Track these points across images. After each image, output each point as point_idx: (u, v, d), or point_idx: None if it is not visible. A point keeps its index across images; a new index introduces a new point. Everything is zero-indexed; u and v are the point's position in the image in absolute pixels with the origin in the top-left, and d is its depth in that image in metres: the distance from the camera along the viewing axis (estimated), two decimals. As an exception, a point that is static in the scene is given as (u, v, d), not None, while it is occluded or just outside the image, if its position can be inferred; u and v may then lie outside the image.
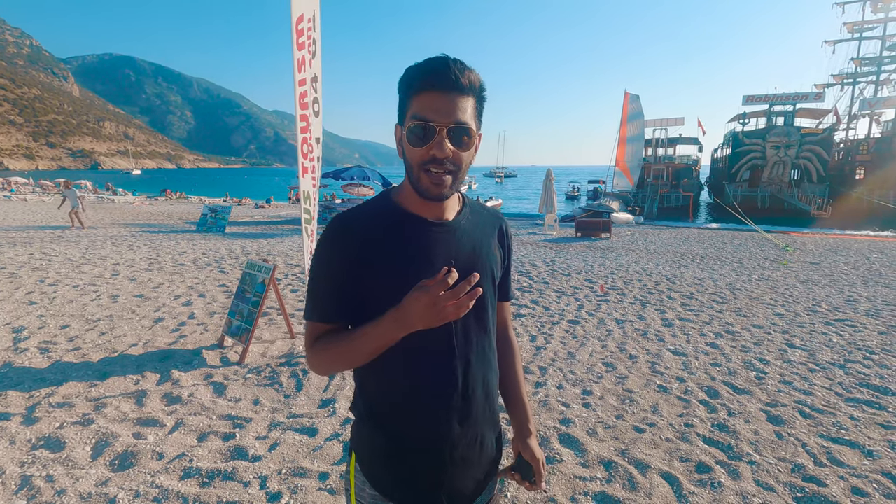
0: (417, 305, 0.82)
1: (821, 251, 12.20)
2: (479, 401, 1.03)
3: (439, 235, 0.97)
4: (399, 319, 0.85)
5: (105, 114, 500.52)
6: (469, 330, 1.00)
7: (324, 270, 0.97)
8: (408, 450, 0.99)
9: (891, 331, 5.41)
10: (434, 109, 0.86)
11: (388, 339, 0.89)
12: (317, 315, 0.98)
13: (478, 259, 1.02)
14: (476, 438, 1.03)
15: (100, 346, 4.33)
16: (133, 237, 11.82)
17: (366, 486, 1.03)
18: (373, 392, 1.02)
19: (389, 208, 0.99)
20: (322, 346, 0.96)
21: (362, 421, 1.05)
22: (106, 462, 2.64)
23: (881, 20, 38.98)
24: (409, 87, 0.88)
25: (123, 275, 7.32)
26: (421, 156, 0.88)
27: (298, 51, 3.83)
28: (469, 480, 1.03)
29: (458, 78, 0.86)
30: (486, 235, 1.06)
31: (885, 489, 2.55)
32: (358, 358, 0.94)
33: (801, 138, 31.58)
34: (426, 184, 0.90)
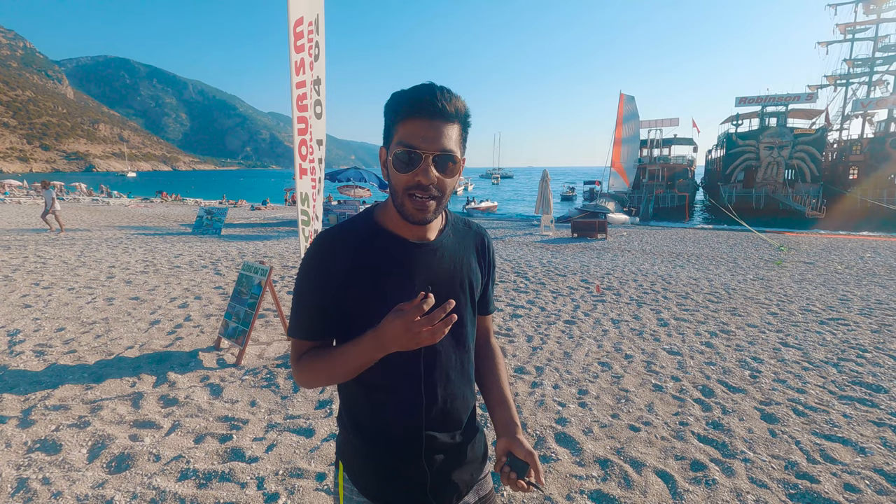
0: (392, 329, 0.84)
1: (815, 251, 12.29)
2: (459, 413, 1.07)
3: (420, 256, 0.99)
4: (376, 340, 0.88)
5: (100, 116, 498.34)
6: (448, 347, 1.03)
7: (308, 288, 0.98)
8: (392, 458, 1.02)
9: (884, 329, 5.46)
10: (420, 137, 0.87)
11: (366, 359, 0.92)
12: (301, 332, 1.00)
13: (457, 277, 1.04)
14: (456, 448, 1.07)
15: (95, 349, 4.32)
16: (128, 240, 11.78)
17: (354, 493, 1.06)
18: (356, 405, 1.05)
19: (372, 228, 1.00)
20: (306, 362, 0.99)
21: (347, 431, 1.07)
22: (102, 464, 2.64)
23: (873, 21, 39.33)
24: (395, 112, 0.90)
25: (119, 277, 7.30)
26: (406, 181, 0.89)
27: (296, 53, 3.85)
28: (455, 483, 1.06)
29: (445, 106, 0.87)
30: (466, 252, 1.08)
31: (878, 485, 2.58)
32: (340, 374, 0.96)
33: (795, 139, 31.81)
34: (410, 209, 0.91)
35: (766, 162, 32.43)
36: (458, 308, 0.99)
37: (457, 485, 1.07)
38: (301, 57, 3.97)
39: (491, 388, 1.19)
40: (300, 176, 4.13)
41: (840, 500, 2.44)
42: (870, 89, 40.71)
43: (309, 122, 4.08)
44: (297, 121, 4.08)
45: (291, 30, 3.90)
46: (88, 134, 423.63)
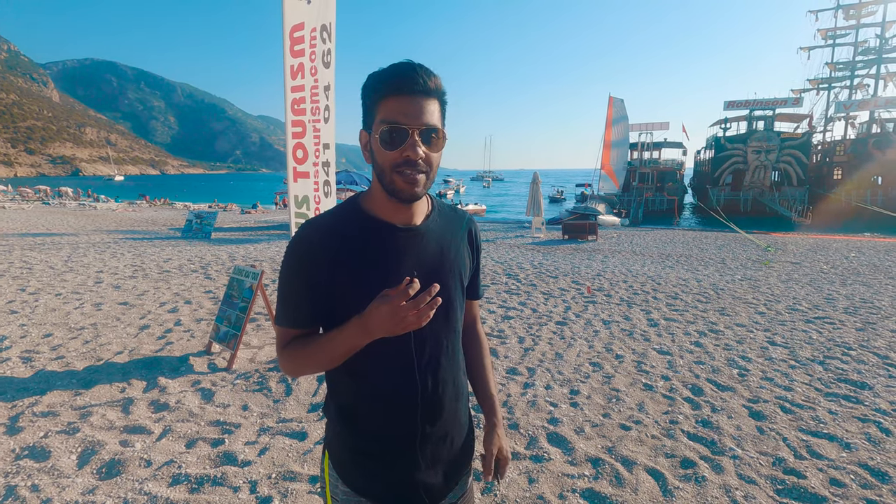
0: (378, 314, 0.84)
1: (801, 251, 12.48)
2: (449, 401, 1.06)
3: (407, 240, 0.99)
4: (361, 327, 0.88)
5: (86, 119, 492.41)
6: (438, 332, 1.03)
7: (293, 277, 0.98)
8: (376, 448, 1.02)
9: (868, 327, 5.56)
10: (404, 113, 0.88)
11: (352, 345, 0.92)
12: (287, 321, 1.00)
13: (445, 262, 1.04)
14: (445, 437, 1.07)
15: (84, 355, 4.27)
16: (116, 244, 11.65)
17: (338, 482, 1.06)
18: (342, 393, 1.05)
19: (357, 214, 1.00)
20: (292, 349, 0.99)
21: (333, 420, 1.08)
22: (93, 470, 2.62)
23: (853, 26, 40.17)
24: (375, 91, 0.90)
25: (107, 282, 7.22)
26: (394, 158, 0.90)
27: (293, 58, 3.88)
28: (439, 476, 1.06)
29: (426, 82, 0.89)
30: (453, 237, 1.08)
31: (862, 480, 2.63)
32: (325, 362, 0.96)
33: (781, 143, 32.37)
34: (401, 185, 0.91)
35: (753, 165, 32.95)
36: (446, 292, 1.01)
37: (447, 476, 1.08)
38: (300, 61, 3.99)
39: (476, 379, 1.22)
40: (295, 179, 4.14)
41: (826, 494, 2.49)
42: (851, 92, 41.53)
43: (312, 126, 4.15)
44: (293, 124, 4.10)
45: (287, 35, 3.91)
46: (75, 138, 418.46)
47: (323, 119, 4.21)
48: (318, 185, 4.35)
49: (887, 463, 2.78)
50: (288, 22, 3.78)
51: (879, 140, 32.53)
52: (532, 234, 16.01)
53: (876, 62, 39.28)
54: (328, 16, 4.05)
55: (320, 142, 4.22)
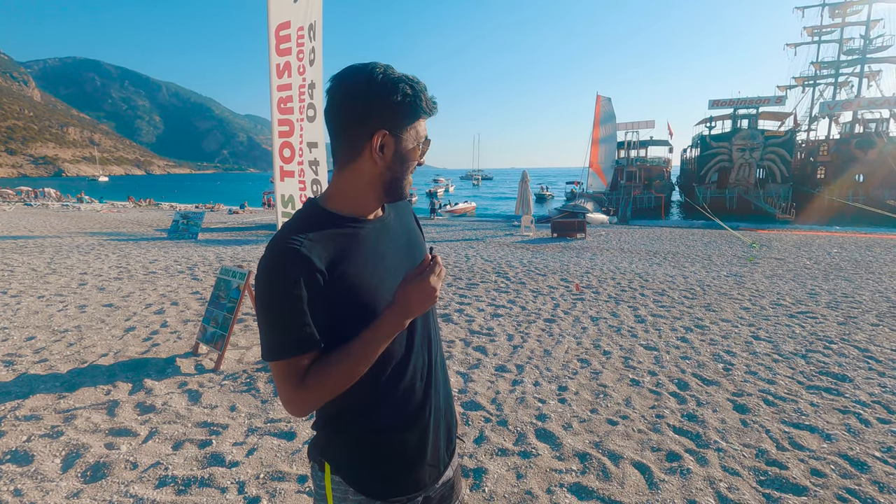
0: (416, 294, 0.92)
1: (785, 247, 12.68)
2: (440, 371, 1.15)
3: (382, 229, 1.06)
4: (400, 312, 0.93)
5: (69, 119, 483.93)
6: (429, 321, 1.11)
7: (284, 301, 0.89)
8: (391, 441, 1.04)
9: (849, 321, 5.68)
10: (424, 130, 1.03)
11: (391, 336, 0.95)
12: (291, 349, 0.90)
13: (413, 240, 1.15)
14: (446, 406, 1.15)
15: (68, 358, 4.21)
16: (101, 246, 11.48)
17: (349, 493, 1.03)
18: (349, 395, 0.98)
19: (330, 217, 0.99)
20: (316, 377, 0.91)
21: (337, 429, 1.04)
22: (77, 474, 2.59)
23: (838, 25, 40.83)
24: (417, 107, 0.98)
25: (91, 284, 7.12)
26: (412, 166, 1.03)
27: (279, 56, 3.86)
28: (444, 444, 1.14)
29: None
30: (408, 219, 1.18)
31: (842, 469, 2.69)
32: (362, 369, 0.93)
33: (765, 141, 32.86)
34: (408, 187, 1.06)
35: (738, 163, 33.41)
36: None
37: (444, 453, 1.14)
38: (286, 60, 3.97)
39: None
40: (282, 178, 4.12)
41: (807, 484, 2.54)
42: (836, 91, 42.25)
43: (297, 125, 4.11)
44: (279, 123, 4.08)
45: (273, 34, 3.89)
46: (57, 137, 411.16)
47: (307, 118, 4.19)
48: (304, 184, 4.33)
49: (866, 453, 2.85)
50: (273, 20, 3.76)
51: (862, 141, 33.15)
52: (521, 233, 16.07)
53: (860, 61, 39.99)
54: (314, 14, 4.03)
55: (303, 141, 4.20)
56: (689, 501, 2.41)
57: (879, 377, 4.01)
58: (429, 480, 1.09)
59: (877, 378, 3.99)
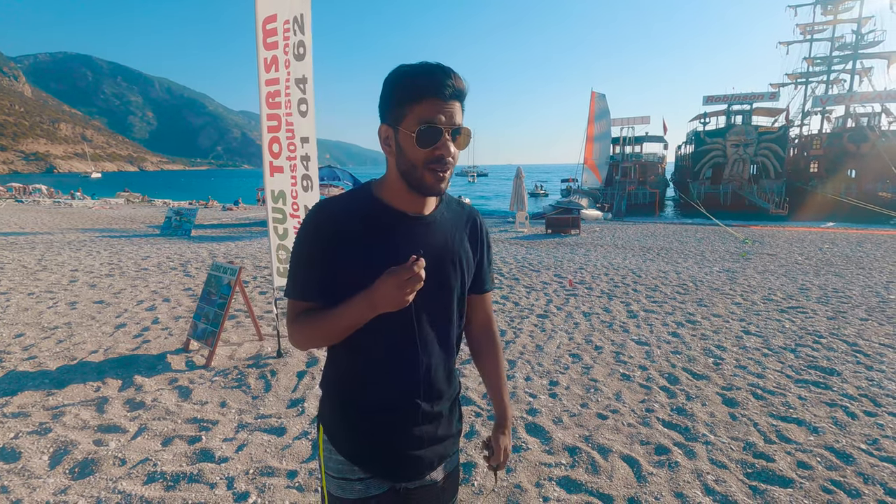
0: (384, 287, 0.90)
1: (777, 243, 12.76)
2: (442, 381, 1.14)
3: (415, 228, 1.05)
4: (368, 300, 0.93)
5: (60, 115, 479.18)
6: (436, 317, 1.09)
7: (303, 253, 1.04)
8: (372, 423, 1.09)
9: (839, 316, 5.72)
10: (439, 115, 0.95)
11: (358, 318, 0.97)
12: (295, 293, 1.06)
13: (447, 251, 1.09)
14: (440, 417, 1.14)
15: (57, 354, 4.19)
16: (92, 242, 11.39)
17: (332, 452, 1.12)
18: (344, 367, 1.10)
19: (370, 201, 1.06)
20: (301, 322, 1.04)
21: (331, 394, 1.14)
22: (65, 470, 2.57)
23: (830, 22, 40.92)
24: (411, 91, 0.95)
25: (82, 281, 7.07)
26: (426, 156, 0.96)
27: (266, 50, 3.82)
28: (430, 452, 1.13)
29: (456, 85, 0.96)
30: (459, 230, 1.14)
31: (828, 462, 2.72)
32: (332, 335, 1.02)
33: (759, 136, 33.00)
34: (431, 181, 0.98)
35: (732, 159, 33.55)
36: (445, 280, 1.08)
37: (430, 459, 1.13)
38: (273, 54, 3.93)
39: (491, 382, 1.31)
40: (271, 174, 4.10)
41: (793, 476, 2.57)
42: (828, 87, 42.39)
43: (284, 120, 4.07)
44: (267, 118, 4.05)
45: (260, 27, 3.86)
46: (48, 133, 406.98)
47: (299, 113, 4.16)
48: (295, 179, 4.30)
49: (852, 445, 2.88)
50: (261, 13, 3.72)
51: (854, 135, 33.32)
52: (516, 229, 16.09)
53: (852, 57, 40.11)
54: (301, 7, 3.99)
55: (295, 136, 4.17)
56: (676, 494, 2.42)
57: (867, 371, 4.05)
58: (402, 475, 1.12)
59: (864, 372, 4.03)
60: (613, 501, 2.37)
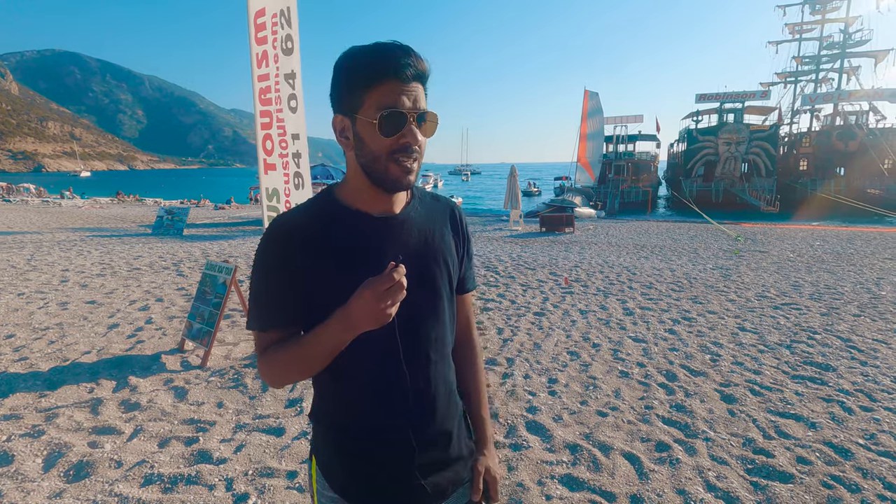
0: (362, 302, 0.78)
1: (769, 240, 12.86)
2: (442, 398, 1.01)
3: (386, 230, 0.94)
4: (345, 318, 0.81)
5: (48, 113, 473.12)
6: (425, 323, 0.97)
7: (263, 276, 0.93)
8: (367, 451, 0.98)
9: (832, 312, 5.77)
10: (401, 98, 0.85)
11: (337, 341, 0.85)
12: (258, 323, 0.94)
13: (429, 250, 0.99)
14: (440, 439, 1.02)
15: (49, 355, 4.12)
16: (83, 242, 11.25)
17: (325, 489, 1.02)
18: (329, 395, 1.00)
19: (331, 206, 0.95)
20: (271, 355, 0.91)
21: (321, 424, 1.03)
22: (59, 473, 2.53)
23: (818, 22, 41.33)
24: (367, 74, 0.85)
25: (73, 281, 6.97)
26: (391, 145, 0.86)
27: (258, 45, 3.76)
28: (439, 479, 1.01)
29: (418, 65, 0.86)
30: (437, 225, 1.03)
31: (827, 457, 2.73)
32: (310, 363, 0.89)
33: (750, 135, 33.30)
34: (395, 173, 0.87)
35: (724, 157, 33.83)
36: (432, 281, 0.97)
37: (440, 487, 1.01)
38: (263, 49, 3.88)
39: (467, 391, 1.15)
40: (265, 171, 4.05)
41: (793, 472, 2.58)
42: (816, 85, 42.82)
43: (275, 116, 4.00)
44: (261, 115, 4.00)
45: (252, 21, 3.80)
46: (36, 132, 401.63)
47: (289, 108, 4.10)
48: (287, 177, 4.25)
49: (850, 440, 2.90)
50: (252, 7, 3.67)
51: (843, 133, 33.70)
52: (510, 227, 16.09)
53: (840, 56, 40.54)
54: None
55: (287, 132, 4.11)
56: (678, 491, 2.43)
57: (861, 366, 4.08)
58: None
59: (859, 367, 4.06)
60: (616, 499, 2.37)
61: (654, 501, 2.35)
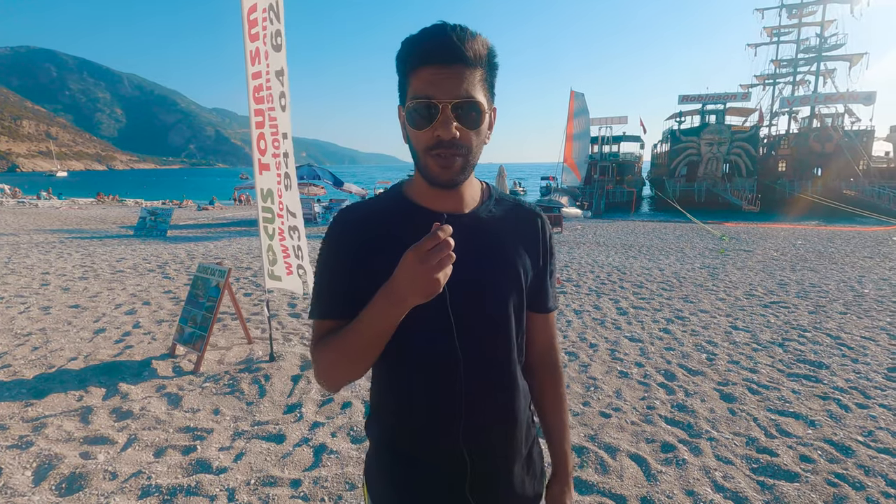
0: (405, 268, 0.71)
1: (753, 239, 13.10)
2: (501, 423, 0.93)
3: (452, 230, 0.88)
4: (390, 291, 0.75)
5: (22, 112, 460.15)
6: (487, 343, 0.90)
7: (324, 267, 0.92)
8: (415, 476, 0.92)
9: (819, 310, 5.88)
10: (435, 85, 0.77)
11: (384, 320, 0.77)
12: (317, 311, 0.91)
13: (496, 255, 0.91)
14: (496, 472, 0.93)
15: (33, 362, 3.97)
16: (62, 244, 10.93)
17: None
18: (383, 408, 0.96)
19: (397, 201, 0.92)
20: (323, 344, 0.87)
21: (372, 437, 1.00)
22: (51, 486, 2.42)
23: (795, 25, 42.33)
24: (406, 62, 0.80)
25: (55, 284, 6.76)
26: (426, 139, 0.80)
27: (251, 42, 3.67)
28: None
29: (462, 46, 0.76)
30: (512, 231, 0.95)
31: (828, 455, 2.76)
32: (357, 350, 0.82)
33: (732, 135, 33.97)
34: (434, 170, 0.81)
35: (706, 157, 34.46)
36: (495, 289, 0.90)
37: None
38: (256, 46, 3.79)
39: (548, 421, 1.08)
40: (260, 171, 3.96)
41: (798, 471, 2.60)
42: (794, 88, 43.83)
43: (268, 115, 3.90)
44: (255, 113, 3.91)
45: (245, 17, 3.72)
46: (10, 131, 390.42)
47: (279, 107, 4.01)
48: (279, 176, 4.16)
49: (849, 437, 2.94)
50: (245, 3, 3.58)
51: (819, 134, 34.56)
52: (499, 227, 16.11)
53: (816, 59, 41.53)
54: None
55: (278, 131, 4.02)
56: (687, 492, 2.42)
57: (853, 363, 4.15)
58: None
59: (851, 364, 4.14)
60: (627, 502, 2.35)
61: (664, 503, 2.34)
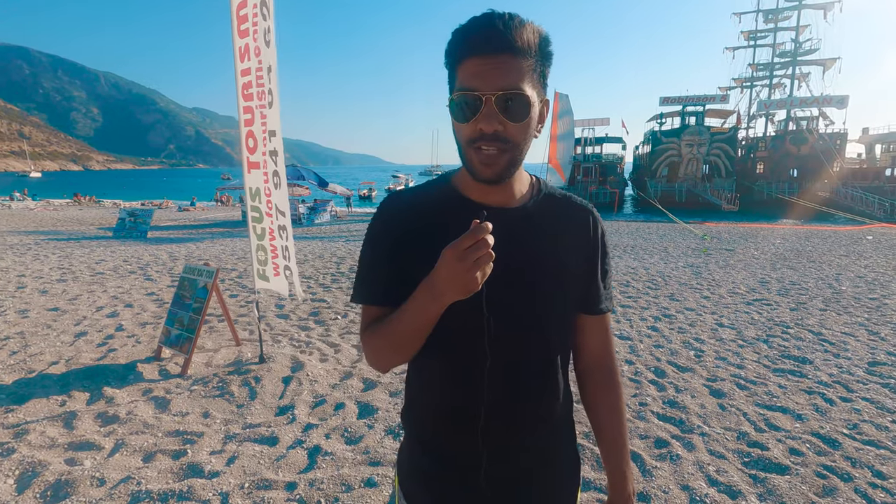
0: (444, 265, 0.71)
1: (733, 238, 13.37)
2: (529, 427, 0.91)
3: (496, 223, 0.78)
4: (430, 287, 0.75)
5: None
6: (522, 339, 0.88)
7: (368, 252, 0.92)
8: (437, 469, 0.93)
9: (800, 307, 6.02)
10: (480, 76, 0.75)
11: (424, 314, 0.78)
12: (360, 297, 0.92)
13: (542, 251, 0.88)
14: (517, 477, 0.91)
15: (12, 367, 3.84)
16: (38, 246, 10.63)
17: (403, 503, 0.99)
18: (412, 401, 0.98)
19: (443, 191, 0.91)
20: (369, 330, 0.89)
21: (405, 436, 1.02)
22: (36, 494, 2.34)
23: (771, 30, 43.39)
24: (452, 54, 0.78)
25: (32, 287, 6.56)
26: (469, 132, 0.78)
27: (240, 39, 3.62)
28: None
29: (508, 35, 0.74)
30: (562, 228, 0.92)
31: (816, 447, 2.83)
32: (401, 340, 0.83)
33: (711, 137, 34.67)
34: (477, 164, 0.79)
35: (686, 158, 35.10)
36: (538, 285, 0.88)
37: None
38: (245, 42, 3.74)
39: (605, 432, 1.03)
40: (248, 170, 3.90)
41: (788, 464, 2.65)
42: (770, 91, 44.92)
43: (258, 112, 3.84)
44: (244, 111, 3.85)
45: (234, 13, 3.66)
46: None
47: (267, 104, 3.96)
48: (267, 175, 4.10)
49: (835, 430, 3.01)
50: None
51: (795, 137, 35.46)
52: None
53: (791, 63, 42.60)
54: None
55: (266, 129, 3.97)
56: (682, 487, 2.45)
57: (835, 358, 4.26)
58: None
59: (833, 359, 4.24)
60: (624, 497, 2.37)
61: (661, 499, 2.37)
